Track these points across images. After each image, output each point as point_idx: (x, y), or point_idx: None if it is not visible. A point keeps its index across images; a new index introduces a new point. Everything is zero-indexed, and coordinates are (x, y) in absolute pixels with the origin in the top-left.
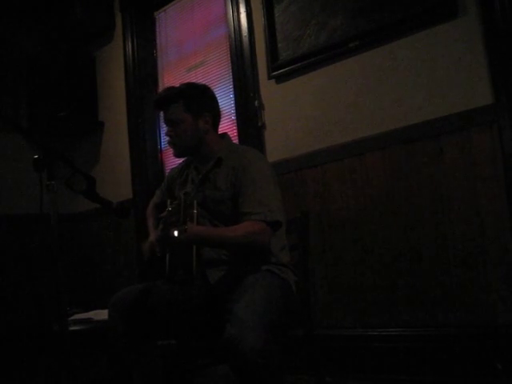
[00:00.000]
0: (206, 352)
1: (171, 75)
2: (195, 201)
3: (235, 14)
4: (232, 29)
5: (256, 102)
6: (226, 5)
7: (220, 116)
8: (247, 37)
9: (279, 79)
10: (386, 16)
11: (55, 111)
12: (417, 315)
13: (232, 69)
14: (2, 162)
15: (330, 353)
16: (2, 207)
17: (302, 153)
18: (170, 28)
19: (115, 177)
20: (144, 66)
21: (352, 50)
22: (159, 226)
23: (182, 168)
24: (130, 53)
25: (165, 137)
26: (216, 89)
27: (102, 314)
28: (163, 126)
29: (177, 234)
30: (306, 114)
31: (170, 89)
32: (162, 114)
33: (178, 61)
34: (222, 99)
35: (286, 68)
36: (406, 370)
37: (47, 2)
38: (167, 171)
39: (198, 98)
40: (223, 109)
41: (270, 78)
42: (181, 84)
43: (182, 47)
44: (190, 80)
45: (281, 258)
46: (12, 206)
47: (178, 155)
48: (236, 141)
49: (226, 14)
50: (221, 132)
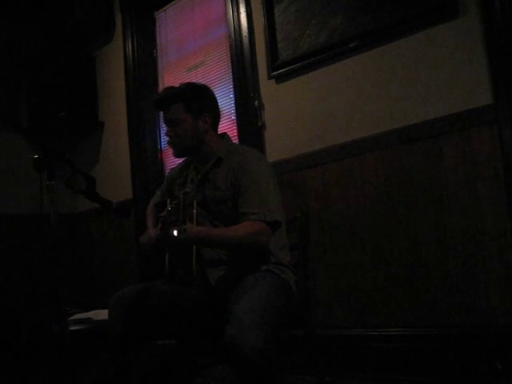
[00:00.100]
0: (206, 352)
1: (171, 75)
2: (195, 201)
3: (235, 13)
4: (232, 29)
5: (256, 101)
6: (226, 5)
7: (220, 116)
8: (247, 37)
9: (279, 79)
10: (386, 16)
11: (55, 111)
12: (417, 315)
13: (232, 69)
14: (2, 162)
15: (330, 353)
16: (2, 207)
17: (301, 153)
18: (170, 28)
19: (115, 177)
20: (144, 66)
21: (352, 50)
22: (158, 225)
23: (182, 168)
24: (130, 53)
25: (165, 137)
26: (216, 89)
27: (102, 314)
28: (163, 126)
29: (176, 234)
30: (306, 114)
31: (170, 89)
32: (161, 114)
33: (178, 61)
34: (221, 99)
35: (285, 68)
36: (405, 370)
37: (47, 2)
38: (167, 171)
39: (198, 98)
40: (223, 109)
41: (269, 77)
42: (181, 84)
43: (181, 47)
44: (190, 80)
45: (281, 257)
46: (12, 206)
47: (177, 155)
48: (236, 141)
49: (226, 13)
50: (221, 132)
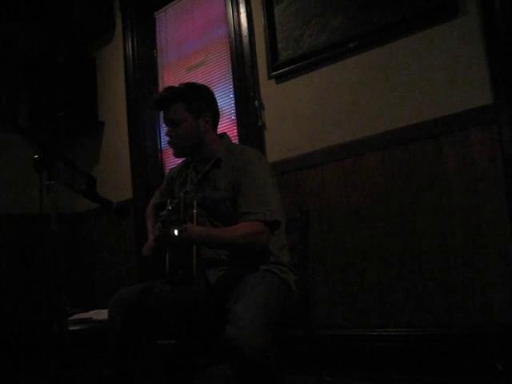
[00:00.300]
0: (206, 352)
1: (171, 75)
2: (195, 201)
3: (235, 13)
4: (232, 29)
5: (256, 101)
6: (226, 5)
7: (219, 116)
8: (247, 37)
9: (279, 79)
10: (386, 16)
11: (55, 111)
12: (417, 315)
13: (232, 69)
14: (1, 162)
15: (330, 353)
16: (2, 207)
17: (301, 153)
18: (170, 28)
19: (115, 177)
20: (144, 65)
21: (352, 50)
22: (157, 225)
23: (181, 168)
24: (130, 53)
25: (165, 137)
26: (216, 89)
27: (102, 314)
28: (163, 126)
29: (177, 233)
30: (306, 114)
31: (170, 89)
32: (161, 114)
33: (178, 61)
34: (221, 99)
35: (285, 68)
36: (406, 370)
37: (47, 2)
38: (167, 171)
39: (198, 97)
40: (223, 109)
41: (269, 77)
42: (181, 84)
43: (181, 47)
44: (189, 80)
45: (280, 257)
46: (12, 206)
47: (177, 155)
48: (236, 141)
49: (226, 13)
50: (220, 132)
